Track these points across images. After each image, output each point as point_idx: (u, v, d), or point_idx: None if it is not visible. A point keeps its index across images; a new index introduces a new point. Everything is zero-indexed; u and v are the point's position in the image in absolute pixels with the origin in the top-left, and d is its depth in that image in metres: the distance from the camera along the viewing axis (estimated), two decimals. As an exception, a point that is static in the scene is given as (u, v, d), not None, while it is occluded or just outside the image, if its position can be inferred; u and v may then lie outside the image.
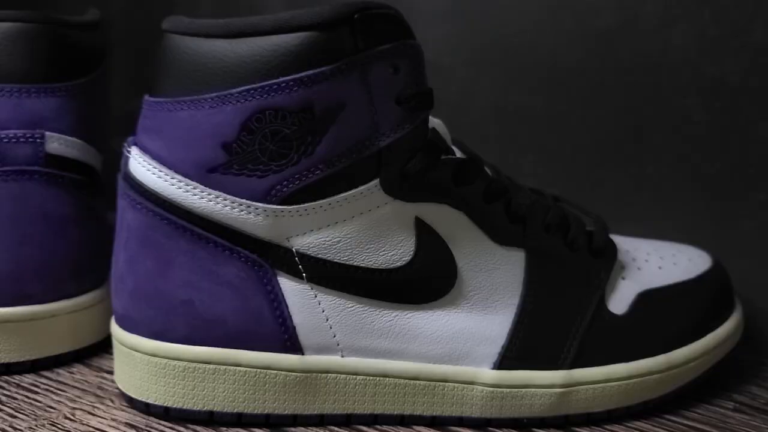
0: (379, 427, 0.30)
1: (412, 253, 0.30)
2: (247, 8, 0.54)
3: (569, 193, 0.40)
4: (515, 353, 0.30)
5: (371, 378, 0.30)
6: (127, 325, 0.30)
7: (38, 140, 0.32)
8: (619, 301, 0.32)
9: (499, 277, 0.31)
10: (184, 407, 0.30)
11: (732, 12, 0.41)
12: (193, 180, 0.29)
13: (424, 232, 0.30)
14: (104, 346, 0.36)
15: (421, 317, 0.30)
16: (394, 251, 0.30)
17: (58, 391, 0.32)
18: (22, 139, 0.32)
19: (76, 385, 0.33)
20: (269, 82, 0.27)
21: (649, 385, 0.32)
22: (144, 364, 0.30)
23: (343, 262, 0.29)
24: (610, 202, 0.45)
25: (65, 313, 0.34)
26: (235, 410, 0.30)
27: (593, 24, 0.44)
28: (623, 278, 0.33)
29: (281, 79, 0.27)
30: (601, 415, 0.31)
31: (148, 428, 0.29)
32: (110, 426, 0.29)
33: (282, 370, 0.29)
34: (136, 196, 0.29)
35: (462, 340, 0.30)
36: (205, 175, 0.28)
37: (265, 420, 0.30)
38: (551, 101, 0.46)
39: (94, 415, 0.30)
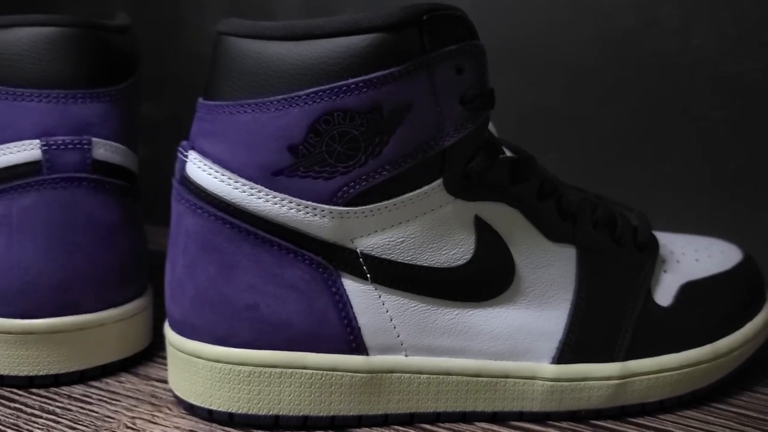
0: (441, 424, 0.31)
1: (472, 251, 0.30)
2: (259, 12, 0.54)
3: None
4: (572, 347, 0.31)
5: (434, 376, 0.30)
6: (187, 332, 0.30)
7: (86, 146, 0.32)
8: (664, 294, 0.33)
9: (553, 274, 0.31)
10: (249, 412, 0.29)
11: (750, 12, 0.42)
12: (257, 183, 0.28)
13: (483, 230, 0.30)
14: (148, 354, 0.36)
15: (482, 315, 0.30)
16: (456, 250, 0.30)
17: (113, 401, 0.31)
18: (70, 146, 0.31)
19: (129, 394, 0.32)
20: (338, 83, 0.27)
21: (698, 375, 0.32)
22: (207, 370, 0.30)
23: (406, 262, 0.29)
24: (630, 200, 0.46)
25: (113, 322, 0.33)
26: (301, 413, 0.30)
27: (613, 24, 0.45)
28: (665, 271, 0.34)
29: (350, 80, 0.27)
30: (654, 405, 0.32)
31: (212, 435, 0.29)
32: (173, 434, 0.29)
33: (348, 372, 0.29)
34: (196, 200, 0.29)
35: (521, 336, 0.31)
36: (270, 178, 0.28)
37: (330, 422, 0.30)
38: (571, 100, 0.46)
39: (155, 423, 0.30)
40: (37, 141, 0.31)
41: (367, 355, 0.30)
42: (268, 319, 0.29)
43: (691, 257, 0.36)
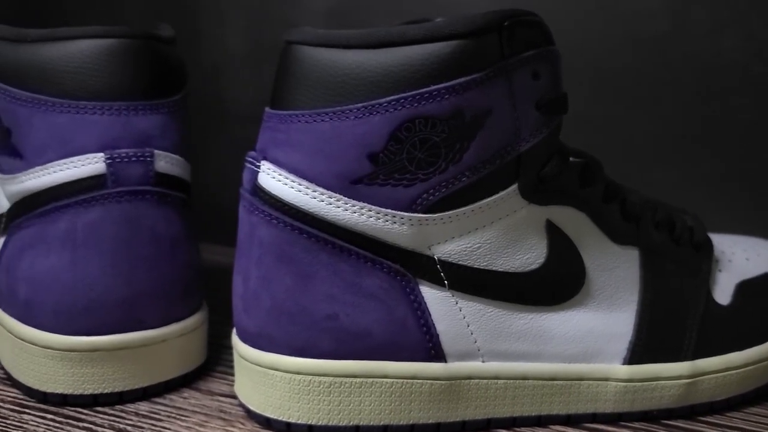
0: (517, 429, 0.31)
1: (545, 255, 0.30)
2: (282, 22, 0.54)
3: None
4: (642, 348, 0.31)
5: (511, 381, 0.30)
6: (264, 344, 0.29)
7: (148, 159, 0.31)
8: (722, 293, 0.34)
9: (619, 276, 0.32)
10: (330, 424, 0.29)
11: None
12: (336, 192, 0.28)
13: (555, 234, 0.30)
14: (204, 368, 0.35)
15: (555, 318, 0.31)
16: (529, 254, 0.30)
17: (182, 417, 0.31)
18: (133, 159, 0.31)
19: (196, 410, 0.31)
20: (420, 90, 0.27)
21: (761, 372, 0.33)
22: (285, 382, 0.29)
23: (482, 267, 0.29)
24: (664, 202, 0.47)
25: (175, 337, 0.32)
26: (381, 423, 0.29)
27: (644, 28, 0.45)
28: (720, 270, 0.35)
29: (432, 87, 0.27)
30: (722, 403, 0.32)
31: (291, 448, 0.29)
32: (251, 448, 0.29)
33: (428, 379, 0.29)
34: (272, 210, 0.29)
35: (593, 339, 0.31)
36: (349, 186, 0.28)
37: (409, 430, 0.30)
38: (603, 104, 0.47)
39: (232, 438, 0.29)
40: (101, 154, 0.31)
41: (446, 362, 0.30)
42: (347, 328, 0.29)
43: (741, 256, 0.36)
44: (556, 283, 0.30)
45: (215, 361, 0.36)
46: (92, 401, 0.32)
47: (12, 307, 0.32)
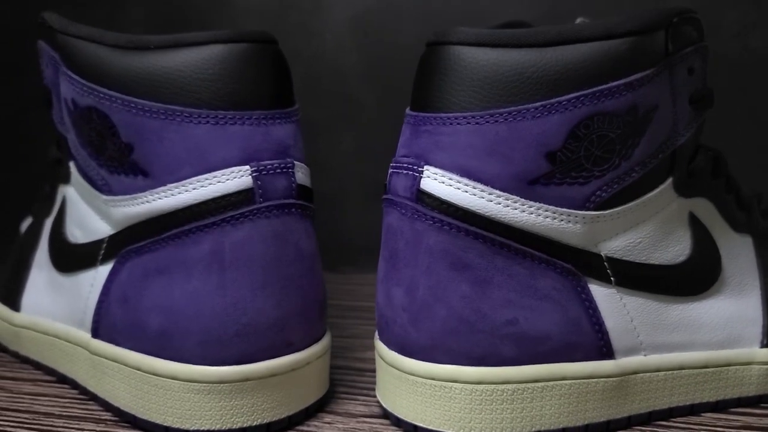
0: (674, 420, 0.31)
1: (690, 246, 0.31)
2: (299, 26, 0.52)
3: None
4: (773, 330, 0.33)
5: (670, 372, 0.31)
6: (439, 357, 0.28)
7: (290, 170, 0.29)
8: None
9: (742, 262, 0.33)
10: (512, 432, 0.28)
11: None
12: (512, 194, 0.28)
13: (696, 225, 0.31)
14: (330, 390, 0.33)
15: (701, 307, 0.31)
16: (678, 246, 0.31)
17: (345, 443, 0.29)
18: (278, 170, 0.29)
19: (352, 433, 0.30)
20: (600, 87, 0.27)
21: None
22: (466, 394, 0.28)
23: (641, 261, 0.30)
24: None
25: (316, 359, 0.30)
26: (560, 426, 0.29)
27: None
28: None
29: (611, 84, 0.27)
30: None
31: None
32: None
33: (602, 377, 0.29)
34: (442, 216, 0.28)
35: (733, 324, 0.32)
36: (526, 187, 0.28)
37: (584, 431, 0.29)
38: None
39: (412, 458, 0.28)
40: (247, 167, 0.28)
41: (615, 359, 0.30)
42: (527, 332, 0.28)
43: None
44: (700, 273, 0.31)
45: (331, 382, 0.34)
46: (239, 436, 0.29)
47: (137, 341, 0.29)
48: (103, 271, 0.31)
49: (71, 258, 0.33)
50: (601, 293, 0.29)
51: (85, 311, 0.32)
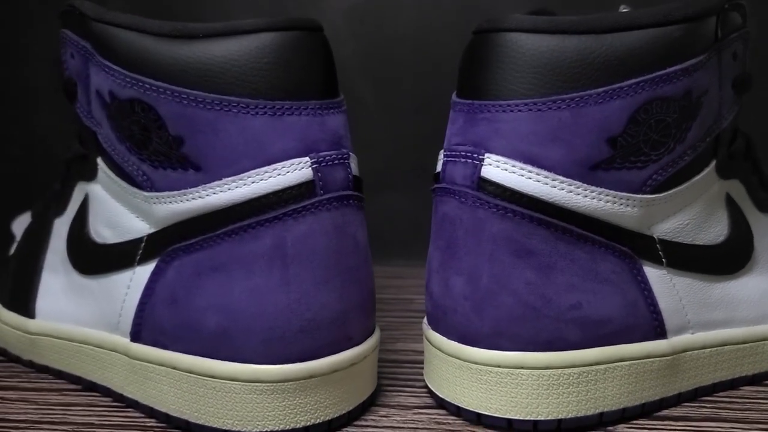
0: (716, 394, 0.32)
1: (728, 226, 0.32)
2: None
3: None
4: (799, 305, 0.34)
5: (714, 349, 0.32)
6: (504, 344, 0.28)
7: (346, 161, 0.28)
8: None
9: (766, 242, 0.34)
10: (578, 415, 0.29)
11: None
12: (575, 179, 0.28)
13: (732, 206, 0.32)
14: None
15: (738, 285, 0.32)
16: (719, 227, 0.31)
17: (411, 435, 0.29)
18: (336, 161, 0.28)
19: (416, 426, 0.29)
20: (659, 73, 0.27)
21: None
22: (533, 379, 0.28)
23: (688, 242, 0.30)
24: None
25: (371, 352, 0.30)
26: (621, 406, 0.29)
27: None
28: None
29: (669, 69, 0.28)
30: None
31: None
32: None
33: (657, 357, 0.30)
34: (506, 203, 0.28)
35: (766, 301, 0.33)
36: (587, 172, 0.28)
37: (641, 409, 0.30)
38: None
39: (482, 447, 0.28)
40: (306, 159, 0.27)
41: (667, 338, 0.30)
42: (590, 316, 0.28)
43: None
44: (737, 252, 0.32)
45: (376, 375, 0.34)
46: (302, 435, 0.28)
47: (189, 342, 0.28)
48: (143, 271, 0.30)
49: (99, 259, 0.32)
50: (654, 275, 0.30)
51: (121, 314, 0.31)
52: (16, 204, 0.47)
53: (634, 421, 0.30)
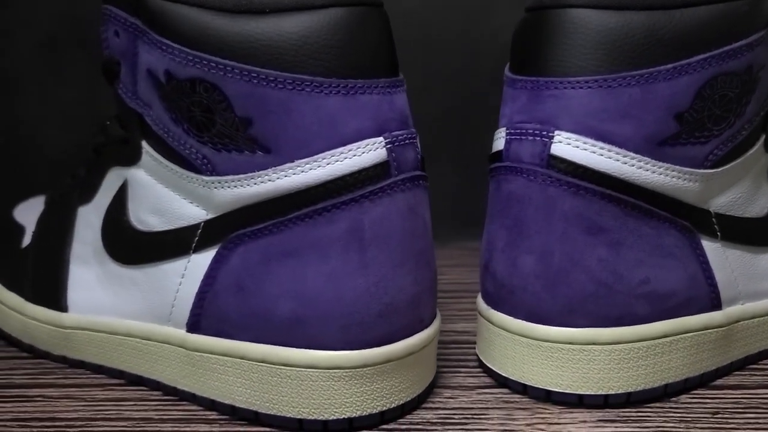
0: (762, 362, 0.33)
1: (770, 199, 0.33)
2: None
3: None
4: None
5: (761, 318, 0.32)
6: (577, 321, 0.28)
7: (415, 140, 0.28)
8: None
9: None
10: (645, 388, 0.29)
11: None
12: (645, 155, 0.28)
13: (771, 179, 0.33)
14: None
15: (777, 255, 0.33)
16: (763, 199, 0.32)
17: (481, 417, 0.28)
18: (407, 141, 0.27)
19: (485, 406, 0.29)
20: (725, 48, 0.28)
21: None
22: (605, 354, 0.28)
23: (739, 215, 0.31)
24: None
25: (436, 334, 0.30)
26: (683, 377, 0.30)
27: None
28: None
29: (734, 45, 0.28)
30: None
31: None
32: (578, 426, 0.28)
33: (714, 328, 0.30)
34: (578, 181, 0.28)
35: (802, 270, 0.34)
36: (656, 148, 0.28)
37: (699, 379, 0.31)
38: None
39: (553, 423, 0.28)
40: (381, 138, 0.27)
41: (722, 309, 0.31)
42: (658, 291, 0.29)
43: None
44: (777, 224, 0.33)
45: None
46: (379, 420, 0.28)
47: (259, 331, 0.27)
48: (201, 259, 0.28)
49: (145, 248, 0.30)
50: (711, 248, 0.30)
51: (174, 305, 0.29)
52: None
53: (694, 391, 0.30)
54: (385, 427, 0.28)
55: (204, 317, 0.29)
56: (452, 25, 0.52)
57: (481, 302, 0.32)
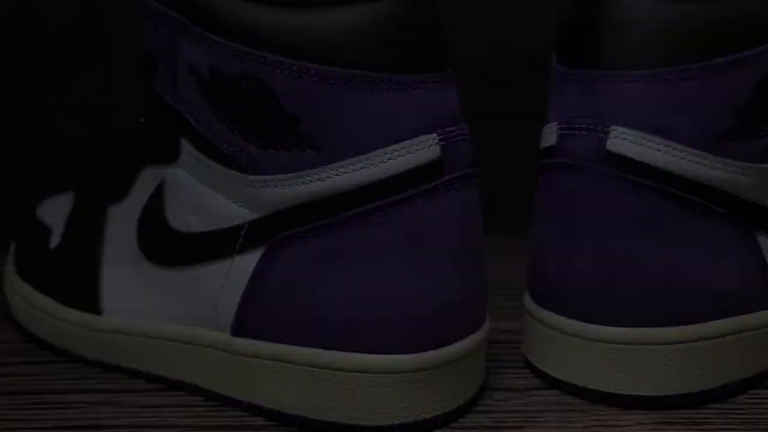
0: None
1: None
2: None
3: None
4: None
5: (808, 313, 0.32)
6: (634, 321, 0.28)
7: (467, 137, 0.27)
8: None
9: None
10: (705, 388, 0.28)
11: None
12: (703, 150, 0.27)
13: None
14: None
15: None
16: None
17: (535, 420, 0.28)
18: (459, 138, 0.26)
19: (538, 408, 0.28)
20: (784, 39, 0.27)
21: None
22: (663, 354, 0.28)
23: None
24: None
25: (487, 335, 0.29)
26: (742, 377, 0.29)
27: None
28: None
29: (793, 35, 0.27)
30: None
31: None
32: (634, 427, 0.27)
33: (766, 327, 0.30)
34: (635, 178, 0.27)
35: None
36: (714, 143, 0.27)
37: (758, 380, 0.30)
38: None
39: (610, 426, 0.27)
40: (434, 135, 0.26)
41: None
42: (716, 289, 0.28)
43: None
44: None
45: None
46: (433, 425, 0.27)
47: (309, 334, 0.26)
48: (245, 261, 0.27)
49: (185, 250, 0.29)
50: (766, 244, 0.30)
51: (218, 308, 0.28)
52: None
53: (752, 392, 0.30)
54: (438, 432, 0.27)
55: (250, 321, 0.28)
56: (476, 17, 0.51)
57: (529, 301, 0.31)
